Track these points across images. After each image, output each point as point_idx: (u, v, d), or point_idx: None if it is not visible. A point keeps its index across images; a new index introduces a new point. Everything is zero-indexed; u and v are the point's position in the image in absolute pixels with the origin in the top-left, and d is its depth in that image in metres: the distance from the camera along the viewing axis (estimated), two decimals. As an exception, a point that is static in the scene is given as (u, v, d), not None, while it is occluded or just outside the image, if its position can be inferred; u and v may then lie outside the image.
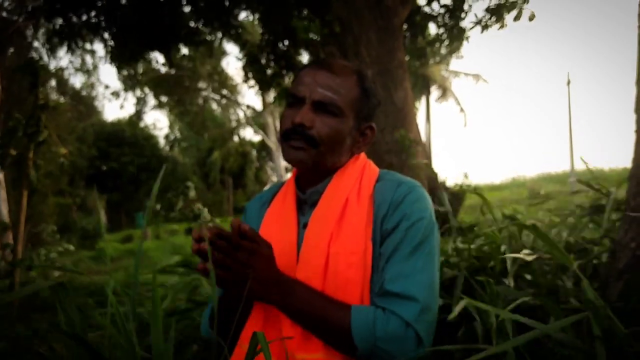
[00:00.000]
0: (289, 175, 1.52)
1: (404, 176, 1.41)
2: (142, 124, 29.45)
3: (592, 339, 1.11)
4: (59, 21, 8.14)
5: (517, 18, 7.90)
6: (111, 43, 8.66)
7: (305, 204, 1.40)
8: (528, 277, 1.77)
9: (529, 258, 1.47)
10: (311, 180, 1.40)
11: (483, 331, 1.38)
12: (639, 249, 1.47)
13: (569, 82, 28.57)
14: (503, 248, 1.99)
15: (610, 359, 1.06)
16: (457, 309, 1.28)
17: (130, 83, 25.23)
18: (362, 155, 1.44)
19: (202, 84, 25.53)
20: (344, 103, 1.31)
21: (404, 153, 4.05)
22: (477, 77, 29.49)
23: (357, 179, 1.36)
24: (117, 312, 1.01)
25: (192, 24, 8.76)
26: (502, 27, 8.09)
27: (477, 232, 2.41)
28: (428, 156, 4.64)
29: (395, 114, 4.27)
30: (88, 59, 26.04)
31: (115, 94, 26.32)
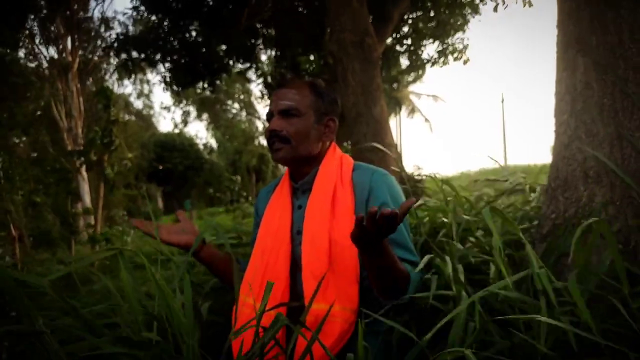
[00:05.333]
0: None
1: (374, 166, 1.40)
2: (187, 135, 29.43)
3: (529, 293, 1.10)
4: (124, 56, 8.13)
5: (456, 59, 8.02)
6: (165, 74, 8.66)
7: (298, 191, 1.40)
8: (472, 239, 1.74)
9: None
10: (300, 172, 1.39)
11: (442, 280, 1.36)
12: (557, 219, 1.45)
13: (502, 100, 28.67)
14: (450, 218, 1.94)
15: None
16: (422, 264, 1.27)
17: (179, 99, 25.44)
18: (338, 149, 1.43)
19: (231, 102, 25.65)
20: (301, 106, 1.32)
21: (380, 152, 4.05)
22: (435, 97, 29.26)
23: (337, 168, 1.36)
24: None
25: (224, 59, 8.75)
26: (445, 64, 8.19)
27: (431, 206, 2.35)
28: (399, 156, 4.63)
29: (374, 124, 4.28)
30: (145, 86, 26.14)
31: (167, 108, 26.53)
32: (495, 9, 6.51)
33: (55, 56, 15.60)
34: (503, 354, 1.01)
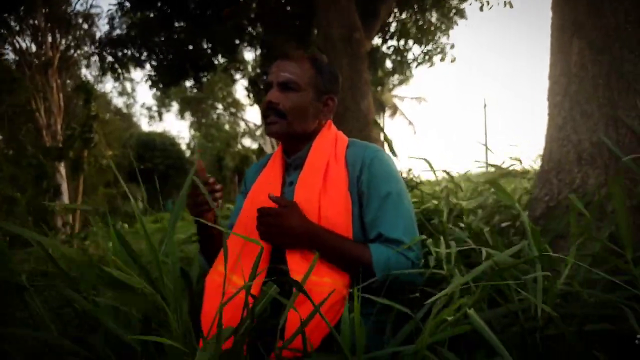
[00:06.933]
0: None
1: (367, 142, 1.38)
2: (169, 134, 29.13)
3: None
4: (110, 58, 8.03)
5: (442, 59, 8.10)
6: (150, 72, 8.55)
7: (290, 167, 1.36)
8: (462, 224, 1.72)
9: (471, 205, 1.42)
10: (293, 147, 1.35)
11: (435, 260, 1.34)
12: (550, 201, 1.44)
13: (485, 106, 29.02)
14: (441, 204, 1.93)
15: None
16: (414, 244, 1.25)
17: (163, 99, 25.18)
18: (333, 126, 1.40)
19: (215, 103, 25.54)
20: (301, 80, 1.29)
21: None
22: (419, 99, 29.37)
23: (332, 144, 1.33)
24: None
25: (209, 57, 8.68)
26: (431, 65, 8.27)
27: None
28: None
29: (362, 118, 4.30)
30: (128, 84, 25.88)
31: (149, 109, 26.27)
32: (481, 9, 6.61)
33: (34, 50, 15.28)
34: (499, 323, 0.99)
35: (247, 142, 29.84)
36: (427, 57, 8.37)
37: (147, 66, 8.55)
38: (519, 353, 0.95)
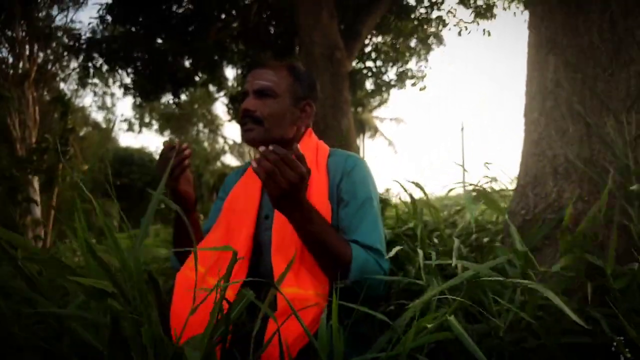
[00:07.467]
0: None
1: (349, 152, 1.39)
2: (147, 150, 28.75)
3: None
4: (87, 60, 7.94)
5: (414, 84, 8.31)
6: (129, 84, 8.47)
7: None
8: (435, 240, 1.72)
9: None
10: None
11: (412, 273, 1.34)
12: (527, 215, 1.45)
13: (462, 129, 29.50)
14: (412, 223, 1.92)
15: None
16: (392, 253, 1.25)
17: (142, 112, 25.00)
18: (314, 135, 1.40)
19: (196, 120, 25.46)
20: (277, 87, 1.29)
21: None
22: (398, 120, 29.77)
23: (313, 152, 1.33)
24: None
25: (190, 72, 8.66)
26: (401, 87, 8.47)
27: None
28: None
29: (342, 137, 4.32)
30: (108, 99, 25.66)
31: (127, 121, 26.10)
32: (459, 34, 6.80)
33: (11, 61, 15.01)
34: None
35: (227, 159, 29.70)
36: (399, 81, 8.56)
37: (125, 77, 8.50)
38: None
